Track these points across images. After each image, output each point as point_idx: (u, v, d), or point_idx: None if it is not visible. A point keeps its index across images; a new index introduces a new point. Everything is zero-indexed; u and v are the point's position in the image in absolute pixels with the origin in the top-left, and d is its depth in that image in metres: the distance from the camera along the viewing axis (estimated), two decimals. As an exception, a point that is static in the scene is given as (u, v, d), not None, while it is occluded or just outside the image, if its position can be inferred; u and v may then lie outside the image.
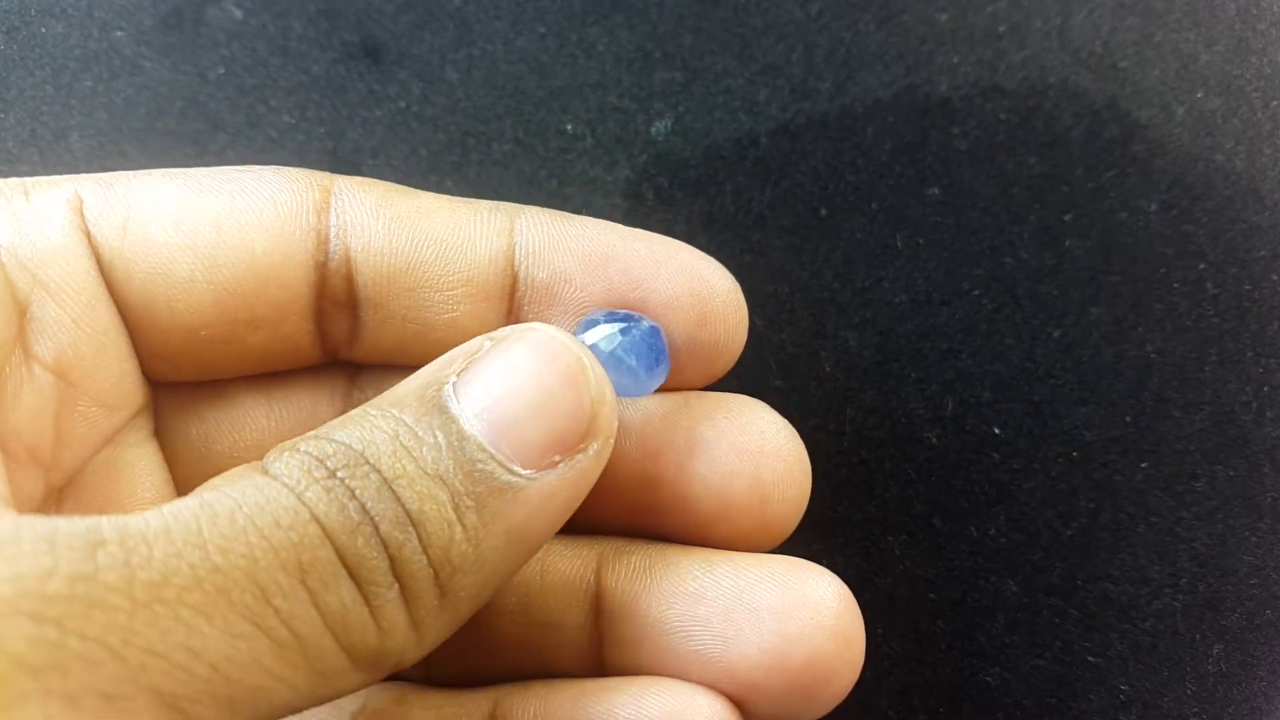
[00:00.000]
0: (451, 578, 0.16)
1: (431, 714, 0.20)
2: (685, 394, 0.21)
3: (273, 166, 0.20)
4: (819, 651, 0.19)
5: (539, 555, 0.21)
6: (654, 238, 0.21)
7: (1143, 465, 0.27)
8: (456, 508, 0.16)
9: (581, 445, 0.17)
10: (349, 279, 0.20)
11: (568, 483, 0.17)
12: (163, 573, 0.13)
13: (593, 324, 0.20)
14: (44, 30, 0.29)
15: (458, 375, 0.17)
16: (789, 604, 0.19)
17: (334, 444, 0.16)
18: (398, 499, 0.16)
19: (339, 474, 0.16)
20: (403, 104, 0.29)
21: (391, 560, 0.16)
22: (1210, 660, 0.26)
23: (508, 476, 0.17)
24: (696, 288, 0.20)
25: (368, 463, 0.16)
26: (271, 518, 0.15)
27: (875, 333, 0.27)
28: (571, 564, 0.21)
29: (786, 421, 0.21)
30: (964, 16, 0.29)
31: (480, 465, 0.16)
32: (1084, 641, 0.26)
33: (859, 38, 0.29)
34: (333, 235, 0.19)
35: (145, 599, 0.13)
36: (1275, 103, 0.28)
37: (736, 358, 0.21)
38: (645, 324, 0.20)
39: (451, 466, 0.16)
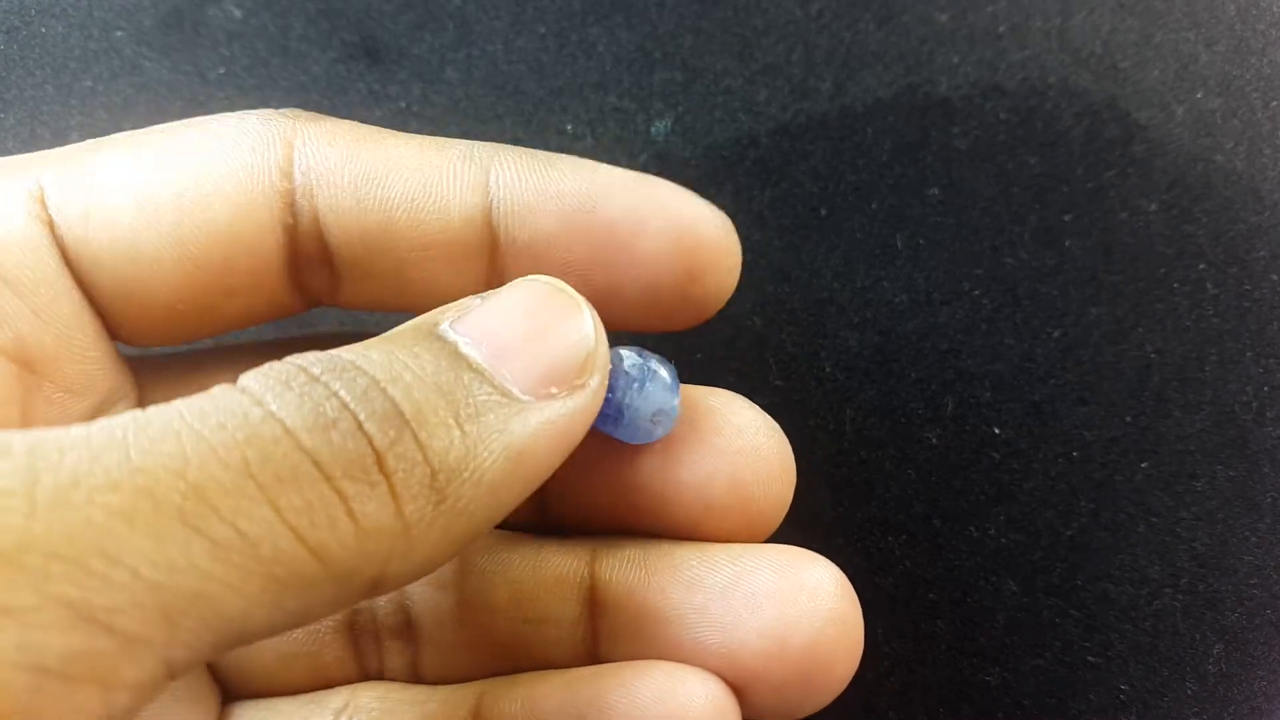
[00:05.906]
0: (449, 483, 0.15)
1: (416, 709, 0.20)
2: None
3: (236, 114, 0.19)
4: (818, 636, 0.18)
5: (532, 551, 0.20)
6: (637, 182, 0.20)
7: (1143, 465, 0.27)
8: (456, 415, 0.15)
9: (578, 380, 0.17)
10: (320, 239, 0.19)
11: (564, 415, 0.16)
12: (71, 476, 0.12)
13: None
14: (44, 30, 0.29)
15: (452, 320, 0.17)
16: (787, 589, 0.19)
17: (324, 355, 0.15)
18: (389, 397, 0.15)
19: (322, 377, 0.14)
20: (403, 104, 0.29)
21: (377, 455, 0.14)
22: (1210, 660, 0.26)
23: (506, 396, 0.16)
24: (684, 241, 0.19)
25: (359, 369, 0.15)
26: (215, 420, 0.13)
27: (875, 333, 0.27)
28: (565, 559, 0.20)
29: (768, 417, 0.20)
30: (964, 16, 0.29)
31: (478, 384, 0.16)
32: (1084, 641, 0.26)
33: (859, 38, 0.29)
34: (299, 197, 0.19)
35: (47, 501, 0.12)
36: (1275, 103, 0.28)
37: (727, 298, 0.20)
38: (662, 374, 0.19)
39: (451, 379, 0.15)
